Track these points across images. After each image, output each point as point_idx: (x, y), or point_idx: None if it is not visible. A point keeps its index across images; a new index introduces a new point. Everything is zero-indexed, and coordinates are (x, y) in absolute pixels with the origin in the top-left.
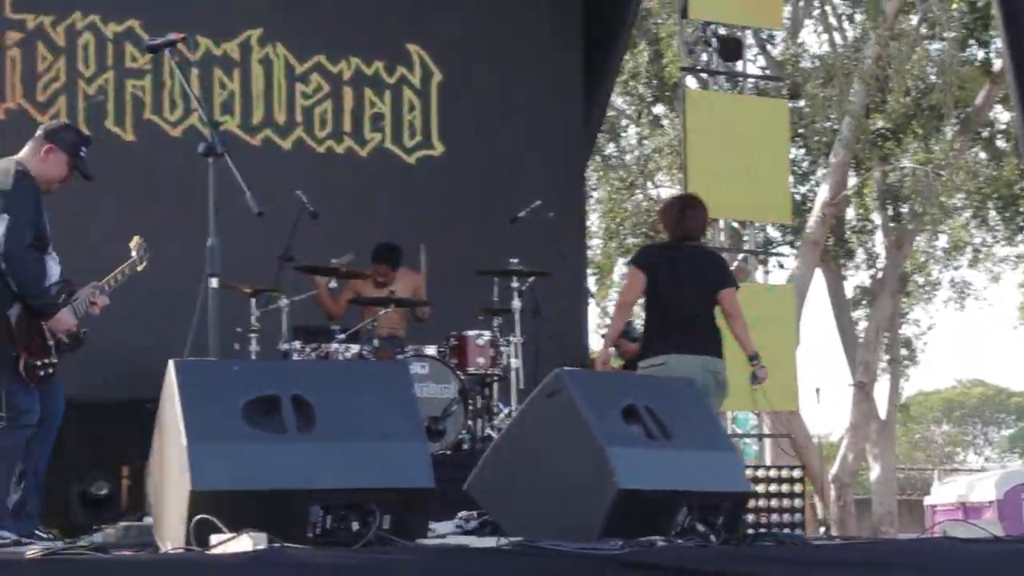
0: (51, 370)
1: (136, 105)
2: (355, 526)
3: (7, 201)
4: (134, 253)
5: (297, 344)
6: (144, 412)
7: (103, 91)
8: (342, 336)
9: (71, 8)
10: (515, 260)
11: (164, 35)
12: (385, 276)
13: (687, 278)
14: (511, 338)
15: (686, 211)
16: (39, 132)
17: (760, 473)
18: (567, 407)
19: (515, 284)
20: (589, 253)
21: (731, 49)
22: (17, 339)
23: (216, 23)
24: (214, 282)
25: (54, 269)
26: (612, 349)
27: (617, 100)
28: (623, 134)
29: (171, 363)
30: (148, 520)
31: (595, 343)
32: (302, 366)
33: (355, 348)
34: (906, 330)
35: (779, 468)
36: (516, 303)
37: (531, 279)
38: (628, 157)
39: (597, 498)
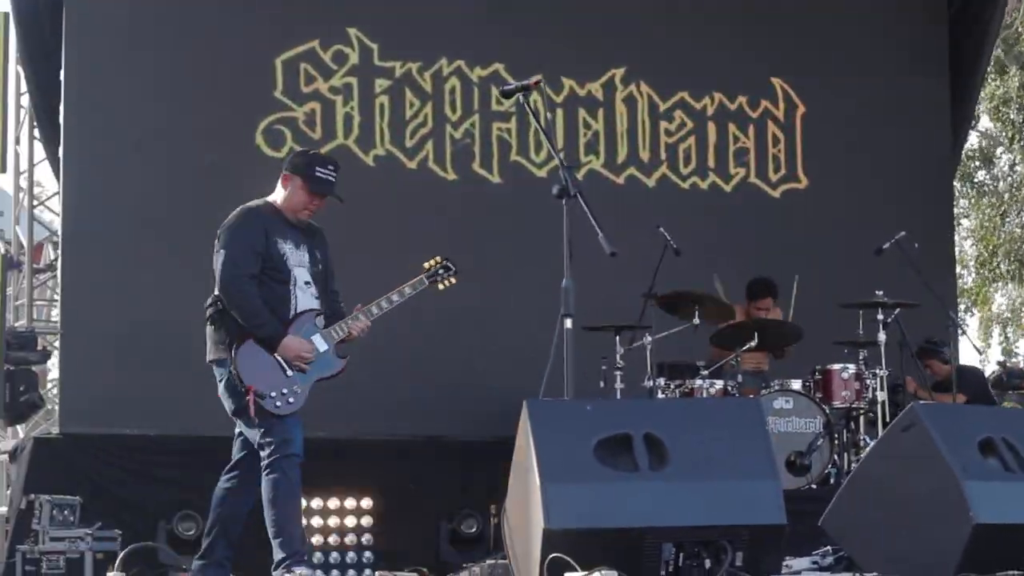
0: (291, 400)
1: (502, 147)
2: (707, 563)
3: (227, 236)
4: (427, 273)
5: (661, 381)
6: (512, 451)
7: (469, 134)
8: (706, 372)
9: (437, 54)
10: (880, 292)
11: (527, 77)
12: (767, 311)
13: None
14: (877, 371)
15: None
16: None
17: None
18: (923, 441)
19: (880, 316)
20: (961, 282)
21: None
22: (243, 374)
23: (580, 63)
24: (568, 323)
25: (303, 300)
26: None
27: (990, 126)
28: (996, 160)
29: (525, 403)
30: None
31: None
32: (654, 404)
33: (719, 384)
34: None
35: None
36: (881, 336)
37: (897, 311)
38: (1001, 184)
39: (954, 533)
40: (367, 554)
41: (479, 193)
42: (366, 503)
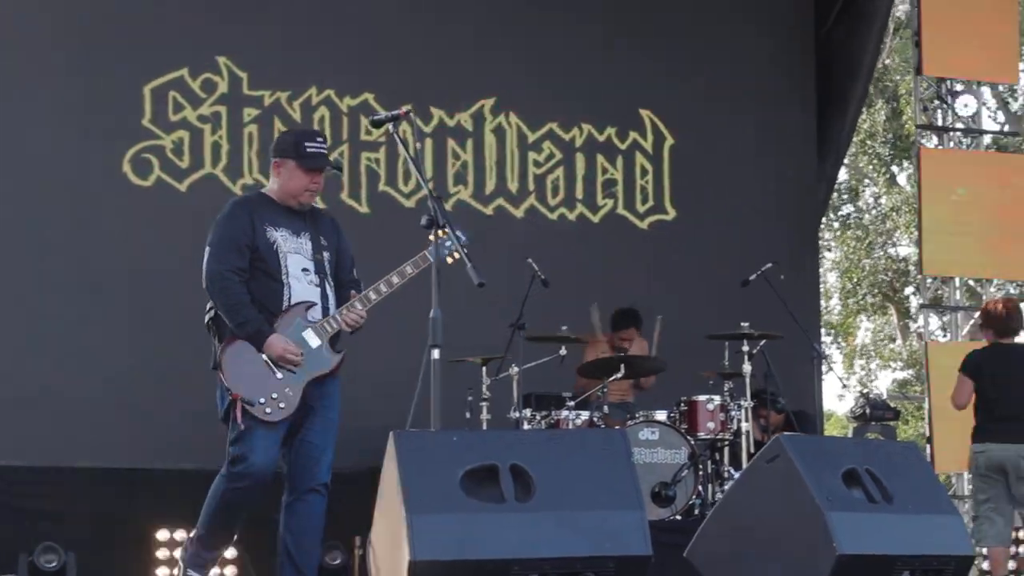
0: (282, 404)
1: (371, 177)
2: None
3: (212, 232)
4: (430, 247)
5: (528, 412)
6: (378, 482)
7: (338, 164)
8: (572, 404)
9: (307, 84)
10: (746, 324)
11: (397, 107)
12: (630, 341)
13: (1017, 374)
14: (742, 402)
15: (1012, 313)
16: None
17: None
18: (787, 472)
19: (746, 348)
20: (827, 314)
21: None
22: (229, 377)
23: (450, 94)
24: (435, 353)
25: (298, 291)
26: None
27: (855, 160)
28: (861, 193)
29: (391, 434)
30: None
31: (830, 405)
32: (521, 436)
33: (584, 415)
34: None
35: None
36: (747, 367)
37: (762, 342)
38: (866, 217)
39: (817, 564)
40: None
41: (347, 223)
42: None
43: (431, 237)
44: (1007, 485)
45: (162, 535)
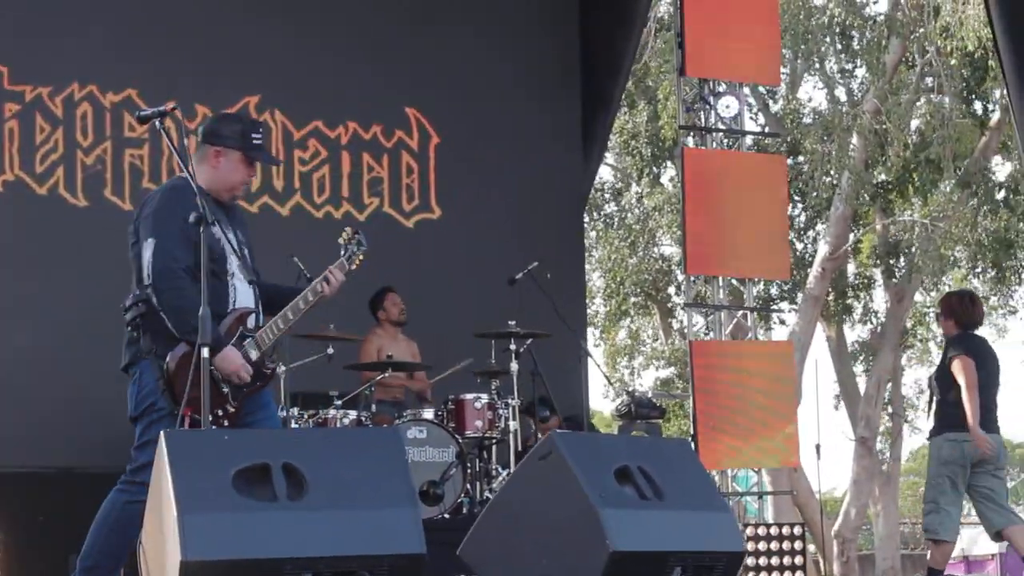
0: (226, 423)
1: (134, 174)
2: None
3: (153, 222)
4: (343, 250)
5: (295, 411)
6: None
7: (101, 160)
8: (339, 403)
9: (69, 79)
10: (513, 322)
11: (162, 103)
12: (401, 310)
13: (991, 364)
14: (509, 400)
15: (976, 303)
16: (199, 137)
17: (762, 531)
18: (560, 469)
19: (513, 346)
20: (591, 312)
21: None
22: (177, 389)
23: (214, 90)
24: (205, 352)
25: (243, 295)
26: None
27: (620, 159)
28: (624, 193)
29: (162, 434)
30: None
31: (595, 404)
32: (293, 434)
33: (352, 415)
34: (908, 388)
35: (780, 525)
36: (514, 365)
37: (529, 341)
38: (629, 216)
39: (591, 560)
40: None
41: (113, 221)
42: None
43: (341, 241)
44: (964, 477)
45: None
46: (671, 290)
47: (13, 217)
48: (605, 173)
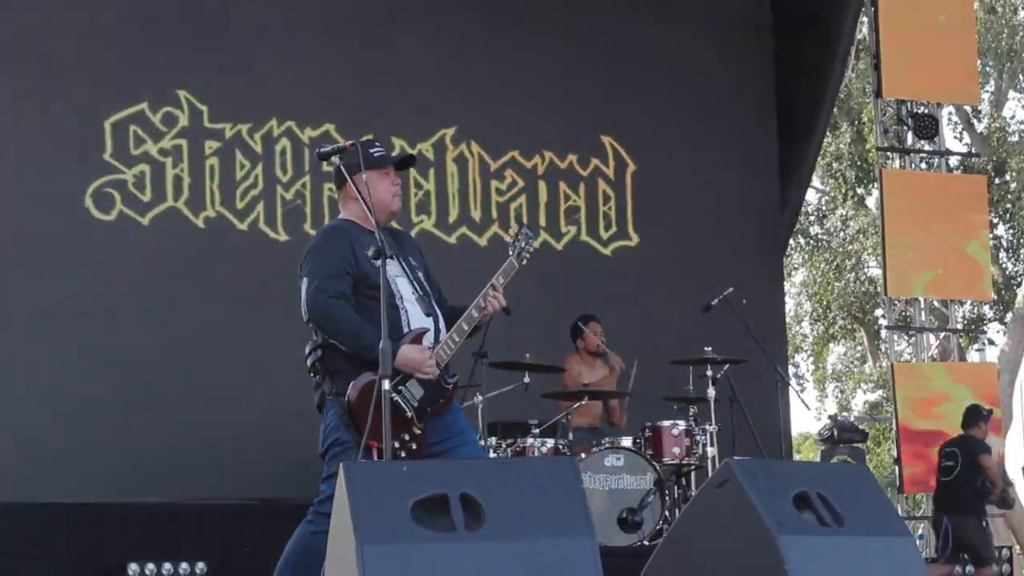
0: (414, 446)
1: (333, 208)
2: None
3: (310, 262)
4: (510, 248)
5: (493, 440)
6: None
7: (300, 195)
8: (537, 431)
9: (268, 115)
10: (709, 348)
11: (358, 137)
12: (600, 337)
13: None
14: (707, 427)
15: None
16: (335, 181)
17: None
18: (737, 496)
19: (709, 372)
20: (799, 336)
21: (926, 127)
22: (359, 420)
23: (410, 124)
24: (386, 384)
25: (415, 317)
26: None
27: (824, 182)
28: (829, 216)
29: (340, 466)
30: None
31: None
32: (470, 464)
33: (550, 443)
34: None
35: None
36: (711, 391)
37: (726, 367)
38: (835, 240)
39: None
40: None
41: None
42: (200, 568)
43: (508, 238)
44: None
45: (133, 569)
46: (878, 312)
47: (215, 252)
48: (810, 196)
